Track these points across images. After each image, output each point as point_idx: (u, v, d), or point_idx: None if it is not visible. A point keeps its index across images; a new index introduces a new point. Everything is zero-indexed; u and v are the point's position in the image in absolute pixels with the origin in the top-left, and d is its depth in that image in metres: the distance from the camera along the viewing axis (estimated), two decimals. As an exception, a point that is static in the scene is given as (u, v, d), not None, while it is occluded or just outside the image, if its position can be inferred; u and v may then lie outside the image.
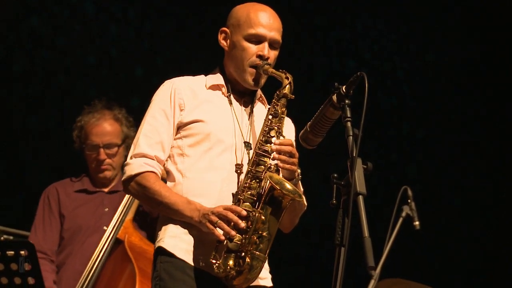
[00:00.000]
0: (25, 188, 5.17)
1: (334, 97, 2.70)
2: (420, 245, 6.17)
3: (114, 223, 4.08)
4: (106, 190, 4.29)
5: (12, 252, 3.52)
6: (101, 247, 4.03)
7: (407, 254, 6.05)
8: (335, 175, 2.56)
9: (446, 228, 6.43)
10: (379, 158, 6.13)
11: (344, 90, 2.68)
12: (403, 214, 4.64)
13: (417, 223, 4.63)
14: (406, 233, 4.63)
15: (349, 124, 2.61)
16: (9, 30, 5.23)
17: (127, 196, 4.14)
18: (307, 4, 6.10)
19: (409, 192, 4.66)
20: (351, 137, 2.57)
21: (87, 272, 3.99)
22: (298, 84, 3.00)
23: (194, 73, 3.16)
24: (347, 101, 2.66)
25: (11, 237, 4.45)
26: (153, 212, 4.21)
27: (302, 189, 3.01)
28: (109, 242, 4.04)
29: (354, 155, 2.52)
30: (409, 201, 4.67)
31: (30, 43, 5.29)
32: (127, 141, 4.28)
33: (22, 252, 3.50)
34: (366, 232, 2.40)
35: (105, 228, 4.12)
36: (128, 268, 3.96)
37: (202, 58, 5.43)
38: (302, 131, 2.85)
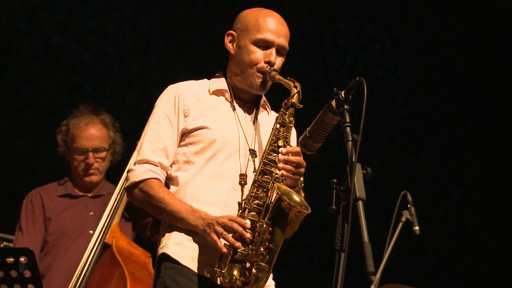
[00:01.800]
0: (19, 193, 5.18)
1: (333, 103, 2.70)
2: (420, 250, 6.17)
3: (101, 227, 4.06)
4: (90, 194, 4.28)
5: (12, 259, 3.52)
6: (89, 251, 4.00)
7: (407, 259, 6.05)
8: (335, 180, 2.56)
9: (445, 233, 6.44)
10: (378, 163, 6.15)
11: (343, 96, 2.68)
12: (403, 219, 4.63)
13: (417, 228, 4.63)
14: (406, 238, 4.64)
15: (348, 129, 2.60)
16: (5, 27, 5.25)
17: (112, 200, 4.14)
18: (300, 9, 6.12)
19: (409, 197, 4.66)
20: (350, 142, 2.57)
21: (77, 278, 3.96)
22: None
23: (187, 71, 3.15)
24: (346, 107, 2.66)
25: (11, 244, 4.44)
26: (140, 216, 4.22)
27: (303, 194, 3.01)
28: (97, 247, 4.01)
29: (353, 160, 2.52)
30: (408, 206, 4.66)
31: (27, 40, 5.30)
32: (113, 146, 4.29)
33: (22, 259, 3.50)
34: (366, 237, 2.40)
35: (90, 232, 4.11)
36: (117, 271, 3.94)
37: (196, 57, 5.45)
38: (301, 137, 2.85)
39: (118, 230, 4.10)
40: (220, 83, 3.09)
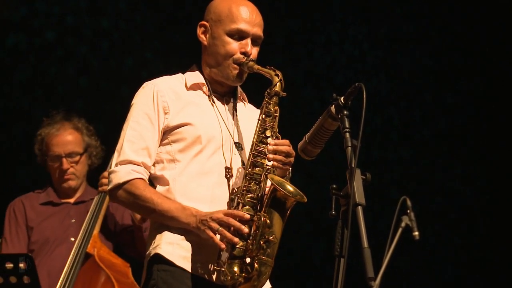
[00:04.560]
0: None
1: (333, 108, 2.71)
2: (419, 256, 6.17)
3: (82, 236, 4.06)
4: (72, 201, 4.28)
5: (11, 265, 3.52)
6: (71, 261, 3.99)
7: (406, 265, 6.05)
8: (334, 186, 2.56)
9: (445, 239, 6.44)
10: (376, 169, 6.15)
11: (343, 101, 2.68)
12: (403, 224, 4.63)
13: (416, 233, 4.62)
14: (406, 244, 4.64)
15: (347, 135, 2.60)
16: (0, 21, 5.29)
17: (92, 207, 4.14)
18: (294, 21, 6.15)
19: (408, 202, 4.66)
20: (349, 147, 2.57)
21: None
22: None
23: (180, 67, 3.12)
24: (345, 112, 2.66)
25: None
26: (119, 222, 4.22)
27: None
28: (79, 256, 4.01)
29: (353, 165, 2.52)
30: (408, 211, 4.66)
31: (22, 33, 5.34)
32: (89, 150, 4.30)
33: (21, 265, 3.50)
34: (365, 243, 2.40)
35: (72, 239, 4.11)
36: (102, 279, 3.93)
37: (188, 52, 5.47)
38: (300, 143, 2.85)
39: (98, 240, 4.11)
40: (196, 76, 3.04)
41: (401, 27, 6.50)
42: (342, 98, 2.68)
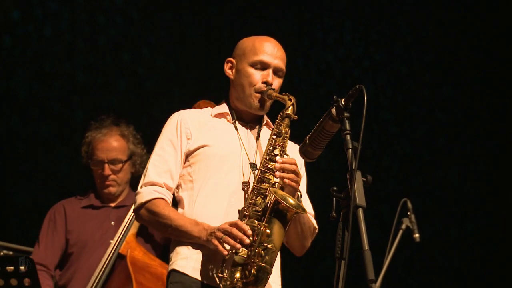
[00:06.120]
0: (20, 204, 5.19)
1: (333, 110, 2.71)
2: (420, 257, 6.17)
3: (117, 238, 4.08)
4: (112, 205, 4.28)
5: (12, 268, 3.52)
6: (103, 262, 4.03)
7: (407, 267, 6.05)
8: (335, 188, 2.56)
9: (446, 241, 6.44)
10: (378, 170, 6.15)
11: (343, 103, 2.68)
12: (403, 226, 4.63)
13: (417, 235, 4.63)
14: (407, 246, 4.64)
15: (348, 137, 2.61)
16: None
17: (131, 211, 4.13)
18: (290, 23, 6.17)
19: (409, 205, 4.66)
20: (350, 150, 2.58)
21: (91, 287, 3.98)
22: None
23: (177, 63, 3.18)
24: (346, 114, 2.67)
25: (10, 253, 4.45)
26: None
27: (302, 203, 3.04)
28: (111, 257, 4.04)
29: (353, 168, 2.53)
30: (409, 213, 4.66)
31: (20, 29, 5.36)
32: (133, 158, 4.30)
33: (22, 268, 3.50)
34: (366, 245, 2.40)
35: (111, 242, 4.11)
36: (128, 279, 3.95)
37: (186, 49, 5.49)
38: (301, 144, 2.85)
39: (133, 241, 4.11)
40: (222, 107, 3.22)
41: (399, 26, 6.52)
42: (342, 100, 2.69)
